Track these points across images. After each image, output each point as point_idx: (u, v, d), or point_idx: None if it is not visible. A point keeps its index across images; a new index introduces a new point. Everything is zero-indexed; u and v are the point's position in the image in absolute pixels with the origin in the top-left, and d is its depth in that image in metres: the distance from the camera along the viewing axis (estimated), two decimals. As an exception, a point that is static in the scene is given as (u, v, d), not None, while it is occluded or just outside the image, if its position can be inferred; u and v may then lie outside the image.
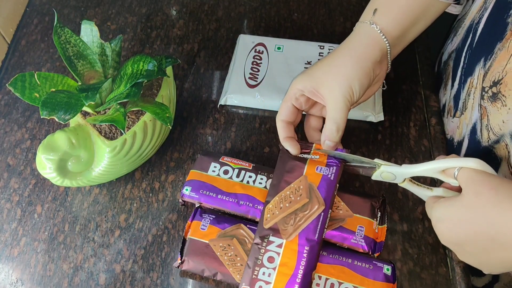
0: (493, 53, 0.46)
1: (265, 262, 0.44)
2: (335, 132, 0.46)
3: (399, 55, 0.51)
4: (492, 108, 0.46)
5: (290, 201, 0.46)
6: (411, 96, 0.61)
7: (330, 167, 0.48)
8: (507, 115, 0.44)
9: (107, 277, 0.50)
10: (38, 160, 0.48)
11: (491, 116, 0.46)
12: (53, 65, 0.67)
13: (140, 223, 0.53)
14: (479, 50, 0.50)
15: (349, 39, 0.48)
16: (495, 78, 0.45)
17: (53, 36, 0.48)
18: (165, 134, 0.57)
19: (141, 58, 0.48)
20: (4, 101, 0.63)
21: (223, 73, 0.64)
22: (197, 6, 0.72)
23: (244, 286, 0.44)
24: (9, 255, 0.52)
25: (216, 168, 0.52)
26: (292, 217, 0.45)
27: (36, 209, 0.55)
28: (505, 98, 0.43)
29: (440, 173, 0.41)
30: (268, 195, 0.48)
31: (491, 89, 0.46)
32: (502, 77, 0.44)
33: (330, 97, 0.45)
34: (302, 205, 0.46)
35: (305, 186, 0.46)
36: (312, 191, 0.46)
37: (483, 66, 0.48)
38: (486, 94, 0.47)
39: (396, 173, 0.44)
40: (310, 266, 0.44)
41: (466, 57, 0.53)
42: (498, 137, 0.45)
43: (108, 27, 0.70)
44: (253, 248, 0.46)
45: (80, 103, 0.45)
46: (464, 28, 0.56)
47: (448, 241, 0.39)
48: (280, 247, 0.45)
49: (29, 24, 0.71)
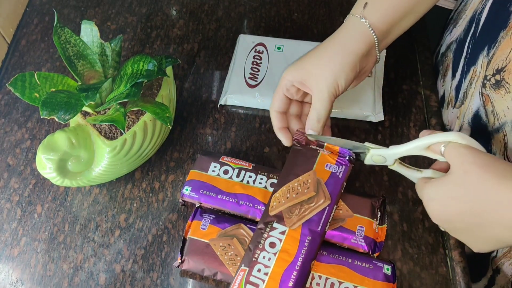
0: (497, 41, 0.46)
1: (267, 246, 0.45)
2: (316, 122, 0.48)
3: (399, 56, 0.51)
4: (496, 95, 0.47)
5: (297, 192, 0.47)
6: (411, 96, 0.61)
7: (340, 166, 0.49)
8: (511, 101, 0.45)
9: (107, 277, 0.50)
10: (38, 160, 0.48)
11: (495, 103, 0.47)
12: (53, 65, 0.67)
13: (140, 223, 0.53)
14: (482, 39, 0.50)
15: (339, 32, 0.49)
16: (498, 66, 0.46)
17: (53, 36, 0.48)
18: (165, 134, 0.57)
19: (141, 58, 0.48)
20: (4, 101, 0.63)
21: (223, 73, 0.64)
22: (197, 6, 0.72)
23: (243, 267, 0.45)
24: (9, 255, 0.52)
25: (216, 168, 0.52)
26: (297, 207, 0.47)
27: (36, 209, 0.55)
28: (509, 85, 0.44)
29: (426, 150, 0.42)
30: (276, 185, 0.49)
31: (494, 77, 0.47)
32: (506, 65, 0.45)
33: (316, 89, 0.48)
34: (308, 197, 0.47)
35: (313, 180, 0.48)
36: (320, 185, 0.48)
37: (486, 54, 0.49)
38: (488, 82, 0.48)
39: (385, 155, 0.45)
40: (310, 256, 0.44)
41: (469, 47, 0.54)
42: (501, 124, 0.46)
43: (108, 27, 0.70)
44: (256, 233, 0.46)
45: (80, 103, 0.45)
46: (466, 19, 0.57)
47: (439, 219, 0.40)
48: (282, 234, 0.45)
49: (29, 24, 0.71)
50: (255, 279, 0.44)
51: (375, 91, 0.60)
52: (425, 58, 0.64)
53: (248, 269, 0.44)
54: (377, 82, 0.60)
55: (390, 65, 0.63)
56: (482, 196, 0.35)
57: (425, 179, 0.42)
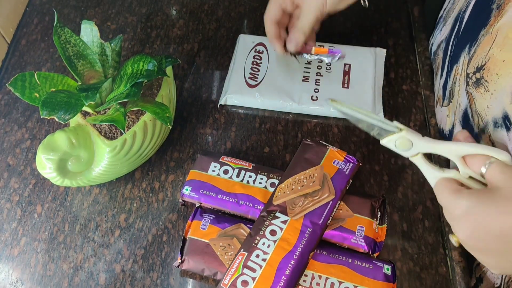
0: (478, 39, 0.46)
1: (267, 234, 0.46)
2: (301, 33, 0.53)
3: (399, 56, 0.51)
4: (477, 94, 0.46)
5: (302, 184, 0.48)
6: (411, 96, 0.61)
7: (347, 163, 0.50)
8: (490, 100, 0.43)
9: (107, 277, 0.50)
10: (38, 160, 0.48)
11: (477, 102, 0.46)
12: (53, 65, 0.67)
13: (140, 223, 0.53)
14: (464, 38, 0.51)
15: None
16: (478, 64, 0.45)
17: (53, 36, 0.48)
18: (165, 134, 0.57)
19: (141, 58, 0.48)
20: (4, 101, 0.63)
21: (223, 73, 0.64)
22: (197, 6, 0.72)
23: (242, 251, 0.45)
24: (9, 255, 0.52)
25: (216, 168, 0.52)
26: (301, 199, 0.47)
27: (36, 209, 0.55)
28: (488, 83, 0.43)
29: (459, 158, 0.38)
30: (283, 176, 0.50)
31: (474, 75, 0.46)
32: (485, 63, 0.44)
33: (304, 7, 0.52)
34: (313, 190, 0.48)
35: (320, 174, 0.49)
36: (326, 180, 0.49)
37: (468, 52, 0.48)
38: (470, 80, 0.47)
39: (415, 143, 0.40)
40: (309, 247, 0.45)
41: (453, 45, 0.54)
42: (484, 124, 0.45)
43: (108, 27, 0.70)
44: (258, 220, 0.47)
45: (80, 103, 0.45)
46: (453, 17, 0.57)
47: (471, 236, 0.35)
48: (284, 223, 0.46)
49: (29, 23, 0.71)
50: (252, 264, 0.45)
51: (375, 91, 0.60)
52: (425, 58, 0.64)
53: (247, 253, 0.45)
54: (377, 82, 0.60)
55: (390, 65, 0.63)
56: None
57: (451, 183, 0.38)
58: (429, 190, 0.53)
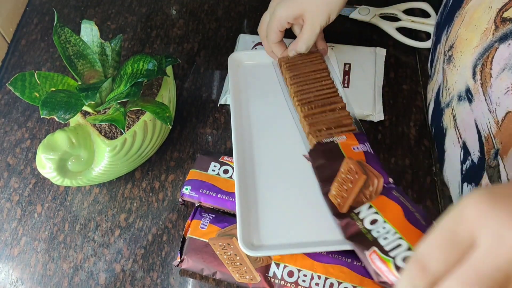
0: (453, 20, 0.50)
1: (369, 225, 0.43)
2: (304, 48, 0.55)
3: (399, 55, 0.51)
4: (448, 70, 0.50)
5: (350, 181, 0.45)
6: (411, 96, 0.61)
7: (364, 143, 0.49)
8: (457, 75, 0.47)
9: (107, 276, 0.50)
10: (38, 160, 0.48)
11: (448, 78, 0.50)
12: (53, 64, 0.67)
13: (140, 222, 0.53)
14: (446, 20, 0.54)
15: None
16: (451, 43, 0.49)
17: (53, 35, 0.48)
18: (165, 133, 0.57)
19: (141, 57, 0.48)
20: (4, 101, 0.64)
21: (223, 73, 0.64)
22: (197, 5, 0.72)
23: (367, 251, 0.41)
24: (9, 255, 0.52)
25: (216, 167, 0.52)
26: (361, 196, 0.44)
27: (36, 208, 0.55)
28: (455, 60, 0.48)
29: None
30: (324, 187, 0.47)
31: (448, 52, 0.50)
32: (455, 41, 0.48)
33: (309, 22, 0.52)
34: (363, 181, 0.44)
35: (355, 164, 0.45)
36: (365, 167, 0.46)
37: (446, 33, 0.53)
38: (445, 57, 0.51)
39: None
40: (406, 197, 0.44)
41: (438, 27, 0.58)
42: (450, 98, 0.49)
43: (108, 27, 0.70)
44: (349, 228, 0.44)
45: (80, 102, 0.45)
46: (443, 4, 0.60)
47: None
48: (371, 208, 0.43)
49: (29, 23, 0.71)
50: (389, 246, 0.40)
51: (375, 90, 0.60)
52: (425, 58, 0.64)
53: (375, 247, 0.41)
54: (377, 81, 0.60)
55: (390, 65, 0.63)
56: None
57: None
58: (429, 189, 0.53)
